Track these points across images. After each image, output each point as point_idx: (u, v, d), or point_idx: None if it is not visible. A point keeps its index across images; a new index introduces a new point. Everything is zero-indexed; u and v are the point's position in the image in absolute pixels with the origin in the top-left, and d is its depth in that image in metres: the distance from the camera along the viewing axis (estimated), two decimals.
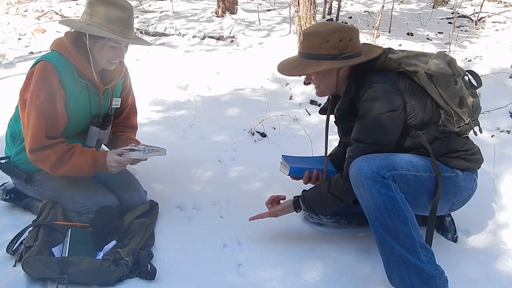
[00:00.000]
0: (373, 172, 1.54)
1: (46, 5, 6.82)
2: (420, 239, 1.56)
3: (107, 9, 1.75)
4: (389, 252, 1.57)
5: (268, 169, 2.49)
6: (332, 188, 1.72)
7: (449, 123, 1.66)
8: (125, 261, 1.64)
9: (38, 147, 1.77)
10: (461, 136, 1.72)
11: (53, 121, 1.79)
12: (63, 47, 1.82)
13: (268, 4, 7.83)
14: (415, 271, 1.53)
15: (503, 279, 1.77)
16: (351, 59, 1.66)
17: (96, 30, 1.74)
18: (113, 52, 1.81)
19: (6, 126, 2.03)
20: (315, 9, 5.02)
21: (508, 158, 2.63)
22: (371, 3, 8.43)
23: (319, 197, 1.77)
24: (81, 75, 1.84)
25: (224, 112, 3.38)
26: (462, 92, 1.67)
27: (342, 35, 1.64)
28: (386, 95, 1.61)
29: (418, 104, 1.65)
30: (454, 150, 1.69)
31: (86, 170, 1.82)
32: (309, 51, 1.69)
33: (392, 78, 1.66)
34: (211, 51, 5.18)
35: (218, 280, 1.69)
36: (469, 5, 7.95)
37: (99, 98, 1.94)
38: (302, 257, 1.85)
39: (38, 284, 1.59)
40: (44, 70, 1.76)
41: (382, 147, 1.65)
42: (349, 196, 1.68)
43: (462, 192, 1.71)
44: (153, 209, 2.00)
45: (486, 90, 3.47)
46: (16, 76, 4.14)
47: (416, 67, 1.63)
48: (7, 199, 2.02)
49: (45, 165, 1.80)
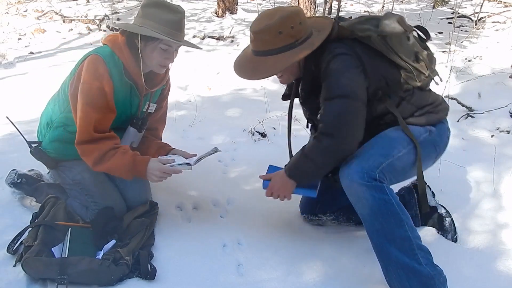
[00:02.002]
0: (364, 177, 1.52)
1: (46, 5, 6.82)
2: (418, 240, 1.55)
3: (160, 11, 1.75)
4: (387, 258, 1.56)
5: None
6: (306, 149, 1.66)
7: (410, 79, 1.68)
8: (125, 260, 1.64)
9: (85, 139, 1.77)
10: (424, 90, 1.77)
11: (102, 115, 1.78)
12: (116, 44, 1.82)
13: (268, 4, 7.83)
14: (414, 274, 1.51)
15: (503, 279, 1.77)
16: (308, 43, 1.63)
17: (147, 31, 1.74)
18: (164, 54, 1.80)
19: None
20: (315, 9, 5.02)
21: (508, 158, 2.63)
22: (371, 3, 8.43)
23: (298, 164, 1.68)
24: (128, 75, 1.83)
25: (224, 112, 3.37)
26: (415, 47, 1.70)
27: (292, 21, 1.60)
28: (344, 55, 1.60)
29: (378, 67, 1.65)
30: (421, 106, 1.73)
31: (123, 173, 1.80)
32: (265, 47, 1.64)
33: (348, 44, 1.64)
34: (211, 51, 5.18)
35: (218, 280, 1.69)
36: (469, 5, 7.96)
37: (140, 100, 1.94)
38: (302, 257, 1.85)
39: (38, 284, 1.59)
40: (96, 63, 1.76)
41: (353, 101, 1.57)
42: (321, 156, 1.61)
43: (440, 146, 1.78)
44: (153, 209, 2.00)
45: (486, 90, 3.50)
46: (16, 76, 4.15)
47: (368, 31, 1.63)
48: (17, 183, 2.03)
49: (88, 160, 1.80)
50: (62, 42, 5.47)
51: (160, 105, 2.11)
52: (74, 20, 6.20)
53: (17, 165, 2.17)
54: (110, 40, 1.84)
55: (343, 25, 1.65)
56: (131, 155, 1.80)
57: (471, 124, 3.17)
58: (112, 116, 1.83)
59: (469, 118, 3.24)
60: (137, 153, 1.84)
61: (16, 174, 2.06)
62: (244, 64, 1.73)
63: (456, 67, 3.97)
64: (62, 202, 1.91)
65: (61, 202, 1.90)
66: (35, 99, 3.42)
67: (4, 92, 3.67)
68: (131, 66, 1.82)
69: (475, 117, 3.23)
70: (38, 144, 2.00)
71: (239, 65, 1.76)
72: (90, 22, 6.12)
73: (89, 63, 1.77)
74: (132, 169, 1.79)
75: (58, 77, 4.07)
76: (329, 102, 1.60)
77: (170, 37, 1.75)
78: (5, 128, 2.84)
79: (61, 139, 1.93)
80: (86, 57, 1.81)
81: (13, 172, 2.08)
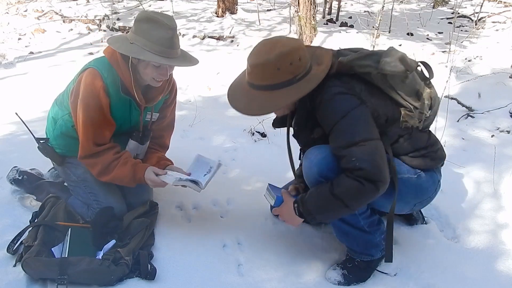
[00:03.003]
0: (319, 171, 1.57)
1: (46, 5, 6.82)
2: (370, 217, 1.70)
3: (151, 27, 1.71)
4: (337, 225, 1.71)
5: (268, 169, 2.49)
6: (335, 189, 1.52)
7: (410, 118, 1.62)
8: (125, 260, 1.64)
9: (87, 154, 1.83)
10: (424, 131, 1.70)
11: (100, 129, 1.82)
12: (114, 57, 1.81)
13: (268, 4, 7.83)
14: (359, 237, 1.69)
15: (503, 279, 1.77)
16: (307, 81, 1.56)
17: (136, 51, 1.72)
18: (157, 70, 1.79)
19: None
20: (315, 9, 5.02)
21: (508, 158, 2.63)
22: (371, 3, 8.43)
23: (319, 200, 1.58)
24: (124, 89, 1.84)
25: (224, 112, 3.37)
26: (417, 84, 1.63)
27: (292, 57, 1.53)
28: (343, 95, 1.55)
29: (377, 102, 1.58)
30: (418, 148, 1.67)
31: (126, 182, 1.85)
32: (262, 82, 1.56)
33: (346, 81, 1.58)
34: (211, 51, 5.18)
35: (218, 280, 1.69)
36: (469, 5, 7.96)
37: (140, 113, 1.95)
38: (302, 257, 1.85)
39: (38, 284, 1.59)
40: (93, 78, 1.77)
41: (375, 140, 1.53)
42: (355, 198, 1.52)
43: (423, 194, 1.70)
44: (153, 209, 1.99)
45: (486, 90, 3.49)
46: (16, 76, 4.15)
47: (369, 68, 1.56)
48: (19, 180, 2.05)
49: (93, 172, 1.86)
50: (62, 42, 5.47)
51: (164, 114, 2.09)
52: (74, 20, 6.20)
53: (17, 164, 2.16)
54: (109, 52, 1.83)
55: (343, 61, 1.59)
56: (131, 164, 1.84)
57: (471, 124, 3.17)
58: (111, 128, 1.86)
59: (469, 118, 3.24)
60: (137, 162, 1.87)
61: (18, 171, 2.08)
62: (240, 98, 1.64)
63: (456, 67, 3.97)
64: (62, 202, 1.91)
65: (61, 202, 1.91)
66: (35, 99, 3.42)
67: (4, 92, 3.68)
68: (127, 81, 1.82)
69: (475, 117, 3.23)
70: (46, 140, 2.02)
71: (234, 96, 1.66)
72: (90, 22, 6.12)
73: (86, 78, 1.78)
74: (133, 177, 1.83)
75: (58, 77, 4.09)
76: (356, 147, 1.50)
77: (160, 55, 1.72)
78: (5, 128, 2.84)
79: (66, 134, 1.95)
80: (86, 68, 1.82)
81: (15, 168, 2.10)
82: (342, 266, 1.76)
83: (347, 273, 1.73)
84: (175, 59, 1.77)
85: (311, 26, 5.00)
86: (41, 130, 2.13)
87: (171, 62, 1.76)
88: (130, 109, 1.91)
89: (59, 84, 2.02)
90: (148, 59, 1.72)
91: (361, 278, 1.73)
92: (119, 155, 1.85)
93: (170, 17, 1.78)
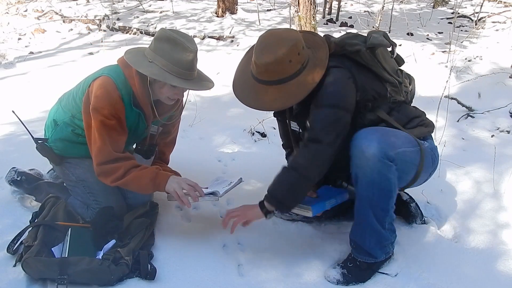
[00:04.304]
0: (381, 152, 1.56)
1: (46, 5, 6.83)
2: (391, 212, 1.70)
3: (172, 48, 1.71)
4: (363, 218, 1.69)
5: (268, 169, 2.48)
6: (293, 163, 1.67)
7: (395, 93, 1.74)
8: (125, 260, 1.64)
9: (107, 159, 1.76)
10: (409, 104, 1.84)
11: (118, 136, 1.79)
12: (129, 70, 1.78)
13: (268, 4, 7.83)
14: (375, 233, 1.70)
15: (503, 279, 1.77)
16: (313, 64, 1.65)
17: (157, 73, 1.71)
18: (173, 90, 1.78)
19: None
20: (315, 9, 5.02)
21: (508, 158, 2.63)
22: (371, 3, 8.43)
23: (282, 184, 1.68)
24: (136, 103, 1.82)
25: (224, 112, 3.37)
26: (395, 65, 1.81)
27: (298, 48, 1.62)
28: (339, 72, 1.64)
29: (366, 80, 1.69)
30: (412, 117, 1.77)
31: (145, 183, 1.77)
32: (279, 76, 1.63)
33: (338, 59, 1.68)
34: (211, 51, 5.18)
35: (218, 280, 1.69)
36: (469, 5, 7.96)
37: (146, 127, 1.94)
38: (302, 257, 1.85)
39: (38, 284, 1.59)
40: (108, 87, 1.74)
41: (341, 110, 1.62)
42: (314, 164, 1.63)
43: (435, 160, 1.80)
44: (153, 210, 1.99)
45: (486, 90, 3.50)
46: (16, 76, 4.15)
47: (358, 46, 1.68)
48: (17, 181, 2.04)
49: (110, 178, 1.77)
50: (62, 42, 5.47)
51: (168, 129, 2.10)
52: (74, 20, 6.20)
53: (17, 165, 2.16)
54: (123, 62, 1.79)
55: (335, 41, 1.71)
56: (154, 168, 1.82)
57: (471, 124, 3.17)
58: (125, 138, 1.84)
59: (469, 118, 3.24)
60: (157, 169, 1.84)
61: (16, 172, 2.07)
62: (262, 98, 1.68)
63: (456, 67, 3.97)
64: (62, 202, 1.91)
65: (61, 202, 1.90)
66: (34, 99, 3.43)
67: (4, 92, 3.68)
68: (140, 96, 1.81)
69: (475, 117, 3.23)
70: (44, 140, 2.01)
71: (249, 98, 1.72)
72: (90, 22, 6.12)
73: (101, 86, 1.75)
74: (155, 179, 1.76)
75: (58, 77, 4.09)
76: (319, 110, 1.64)
77: (179, 77, 1.72)
78: (5, 128, 2.84)
79: (66, 139, 1.95)
80: (99, 76, 1.79)
81: (13, 170, 2.09)
82: (343, 265, 1.76)
83: (347, 273, 1.73)
84: (193, 82, 1.79)
85: (311, 26, 5.00)
86: (40, 131, 2.12)
87: (190, 86, 1.78)
88: (138, 122, 1.90)
89: (59, 84, 2.02)
90: (169, 82, 1.71)
91: (361, 279, 1.73)
92: (137, 163, 1.81)
93: (191, 38, 1.78)
